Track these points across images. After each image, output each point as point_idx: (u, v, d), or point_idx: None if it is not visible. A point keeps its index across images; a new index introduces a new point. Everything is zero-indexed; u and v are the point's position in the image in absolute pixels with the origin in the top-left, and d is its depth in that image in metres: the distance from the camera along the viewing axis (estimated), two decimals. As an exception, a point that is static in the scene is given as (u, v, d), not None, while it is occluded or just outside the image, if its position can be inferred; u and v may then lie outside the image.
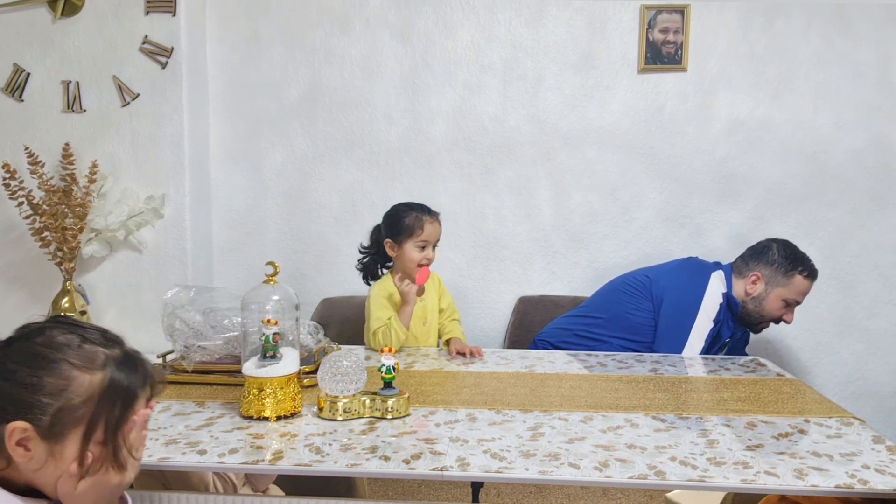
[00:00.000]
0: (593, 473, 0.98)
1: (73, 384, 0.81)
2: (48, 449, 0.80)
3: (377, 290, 1.85)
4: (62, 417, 0.80)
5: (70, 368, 0.81)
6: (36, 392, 0.79)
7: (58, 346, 0.82)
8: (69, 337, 0.83)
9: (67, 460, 0.81)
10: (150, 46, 2.23)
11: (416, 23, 2.37)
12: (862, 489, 0.94)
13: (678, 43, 2.30)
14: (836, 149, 2.34)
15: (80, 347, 0.83)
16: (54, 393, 0.80)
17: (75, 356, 0.82)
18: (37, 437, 0.79)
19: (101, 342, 0.85)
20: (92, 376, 0.82)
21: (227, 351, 1.45)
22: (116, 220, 2.16)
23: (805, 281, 1.92)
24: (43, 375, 0.80)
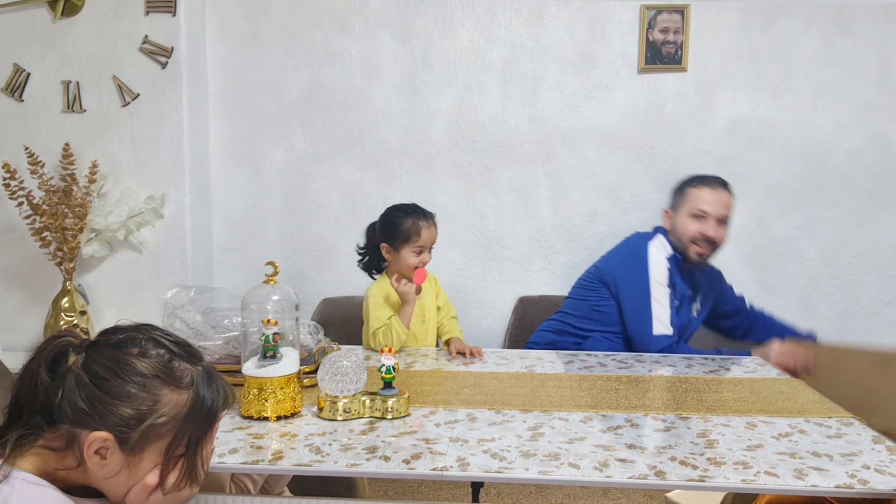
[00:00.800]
0: (593, 473, 0.98)
1: (161, 401, 0.81)
2: (125, 460, 0.80)
3: (375, 291, 1.85)
4: (147, 433, 0.80)
5: (160, 385, 0.81)
6: (124, 404, 0.79)
7: (149, 359, 0.82)
8: (160, 352, 0.83)
9: (142, 472, 0.81)
10: (150, 46, 2.23)
11: (416, 23, 2.37)
12: (862, 489, 0.94)
13: (678, 43, 2.30)
14: (837, 149, 2.34)
15: (169, 364, 0.83)
16: (143, 408, 0.80)
17: (165, 372, 0.82)
18: (116, 448, 0.79)
19: (188, 359, 0.85)
20: (179, 395, 0.82)
21: (227, 351, 1.45)
22: (116, 220, 2.16)
23: (697, 190, 1.94)
24: (134, 389, 0.80)
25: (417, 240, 1.81)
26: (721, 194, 1.94)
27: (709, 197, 1.92)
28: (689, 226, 1.92)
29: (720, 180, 1.98)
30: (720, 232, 1.92)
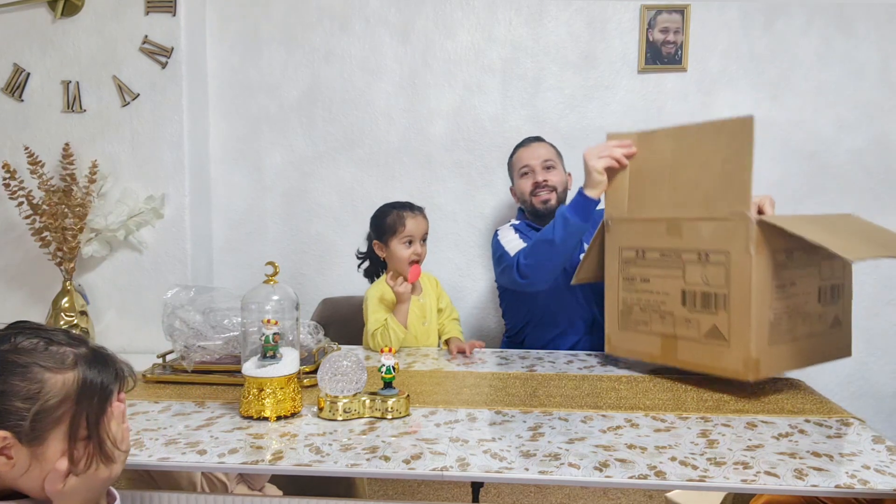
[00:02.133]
0: (593, 473, 0.98)
1: (46, 386, 0.81)
2: (30, 453, 0.80)
3: (372, 293, 1.86)
4: (41, 420, 0.80)
5: (41, 371, 0.81)
6: (10, 399, 0.79)
7: (25, 350, 0.82)
8: (34, 341, 0.83)
9: (51, 460, 0.81)
10: (150, 46, 2.23)
11: (416, 23, 2.37)
12: (862, 489, 0.94)
13: (678, 43, 2.30)
14: (837, 148, 2.34)
15: (46, 350, 0.83)
16: (29, 397, 0.80)
17: (44, 358, 0.82)
18: (17, 444, 0.79)
19: (67, 342, 0.85)
20: (64, 376, 0.82)
21: (227, 351, 1.45)
22: (116, 220, 2.16)
23: (516, 155, 2.07)
24: (15, 381, 0.80)
25: (403, 230, 1.82)
26: (532, 147, 2.05)
27: (526, 153, 2.04)
28: (522, 185, 2.02)
29: (532, 137, 2.10)
30: (550, 175, 2.00)
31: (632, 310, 1.54)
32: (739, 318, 1.32)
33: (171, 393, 1.38)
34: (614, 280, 1.58)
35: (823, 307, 1.44)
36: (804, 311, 1.39)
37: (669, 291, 1.45)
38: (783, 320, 1.35)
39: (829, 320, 1.46)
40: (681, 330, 1.43)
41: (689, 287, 1.41)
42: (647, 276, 1.50)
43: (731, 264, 1.33)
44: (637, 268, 1.52)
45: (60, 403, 0.81)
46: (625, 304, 1.56)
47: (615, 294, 1.58)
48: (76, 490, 0.83)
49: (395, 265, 1.85)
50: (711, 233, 1.37)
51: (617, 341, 1.59)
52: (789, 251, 1.35)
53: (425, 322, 1.89)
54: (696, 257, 1.39)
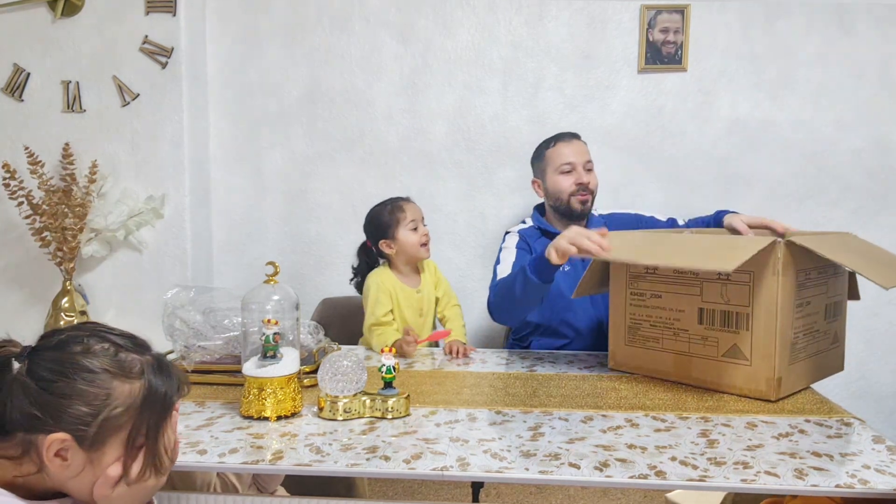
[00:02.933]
0: (593, 473, 0.98)
1: (114, 393, 0.81)
2: (87, 458, 0.80)
3: (375, 281, 1.84)
4: (104, 427, 0.80)
5: (110, 378, 0.81)
6: (77, 403, 0.79)
7: (94, 355, 0.81)
8: (105, 346, 0.83)
9: (105, 466, 0.81)
10: (150, 46, 2.23)
11: (416, 23, 2.37)
12: (862, 489, 0.94)
13: (678, 43, 2.30)
14: (837, 149, 2.34)
15: (116, 356, 0.83)
16: (96, 403, 0.79)
17: (113, 365, 0.82)
18: (76, 447, 0.79)
19: (134, 349, 0.85)
20: (132, 385, 0.82)
21: (227, 351, 1.45)
22: (116, 220, 2.16)
23: (554, 149, 1.94)
24: (83, 386, 0.79)
25: (405, 216, 1.83)
26: (577, 144, 1.95)
27: (568, 150, 1.93)
28: (561, 183, 1.91)
29: (571, 133, 1.99)
30: (591, 178, 1.93)
31: (640, 326, 1.53)
32: (764, 338, 1.32)
33: (172, 393, 1.38)
34: (621, 295, 1.57)
35: (828, 324, 1.45)
36: (814, 328, 1.40)
37: (685, 308, 1.44)
38: (800, 338, 1.36)
39: (830, 337, 1.47)
40: (696, 348, 1.43)
41: (707, 305, 1.41)
42: (658, 292, 1.49)
43: (756, 284, 1.32)
44: (647, 283, 1.51)
45: (125, 412, 0.81)
46: (633, 319, 1.55)
47: (622, 309, 1.57)
48: (123, 497, 0.83)
49: (408, 254, 1.84)
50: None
51: (622, 357, 1.57)
52: (807, 271, 1.36)
53: (422, 314, 1.89)
54: (716, 276, 1.39)
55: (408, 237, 1.83)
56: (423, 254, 1.86)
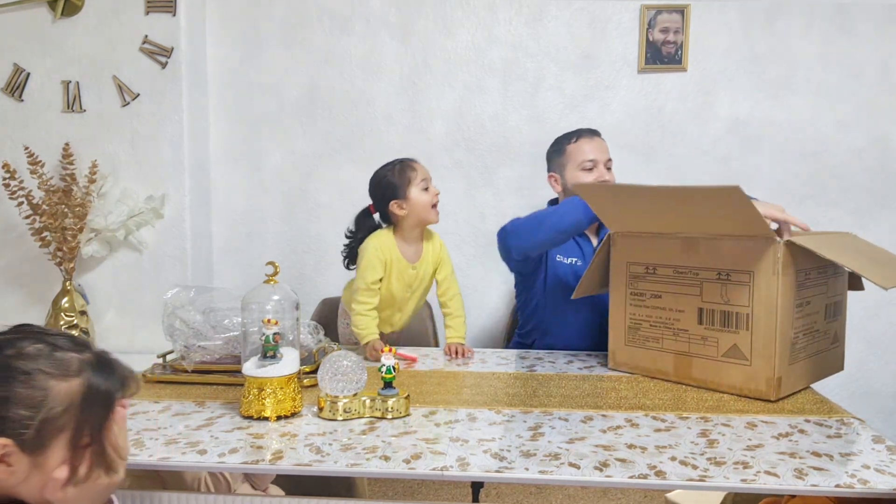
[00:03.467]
0: (593, 473, 0.98)
1: (51, 394, 0.79)
2: (31, 461, 0.78)
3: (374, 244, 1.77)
4: (44, 428, 0.78)
5: (46, 378, 0.79)
6: (13, 406, 0.77)
7: (29, 356, 0.80)
8: (38, 347, 0.81)
9: (51, 468, 0.80)
10: (151, 46, 2.23)
11: (416, 23, 2.37)
12: (862, 489, 0.94)
13: (678, 43, 2.30)
14: (837, 148, 2.34)
15: (51, 356, 0.81)
16: (33, 405, 0.78)
17: (49, 365, 0.80)
18: (18, 451, 0.77)
19: (72, 348, 0.83)
20: (69, 384, 0.80)
21: (227, 351, 1.45)
22: (116, 220, 2.16)
23: (576, 144, 1.91)
24: (18, 388, 0.78)
25: (416, 174, 1.76)
26: (599, 142, 1.93)
27: (589, 147, 1.91)
28: (583, 179, 1.89)
29: (592, 129, 1.97)
30: (611, 177, 1.92)
31: (640, 326, 1.53)
32: (763, 338, 1.32)
33: (171, 393, 1.38)
34: (621, 295, 1.57)
35: (828, 324, 1.45)
36: (814, 328, 1.40)
37: (684, 308, 1.44)
38: (800, 338, 1.36)
39: (830, 337, 1.47)
40: (696, 348, 1.43)
41: (707, 305, 1.41)
42: (658, 292, 1.49)
43: (756, 284, 1.32)
44: (647, 283, 1.51)
45: (64, 412, 0.80)
46: (633, 319, 1.55)
47: (622, 309, 1.57)
48: (77, 499, 0.82)
49: (420, 215, 1.77)
50: (732, 251, 1.36)
51: (622, 357, 1.57)
52: (807, 271, 1.36)
53: (410, 289, 1.84)
54: (716, 276, 1.39)
55: (420, 196, 1.75)
56: (433, 217, 1.78)
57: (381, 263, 1.76)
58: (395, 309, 1.85)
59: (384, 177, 1.80)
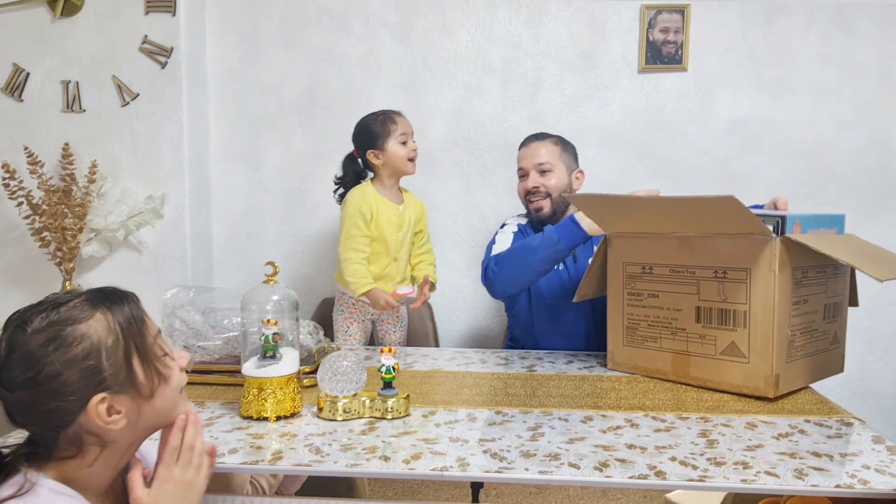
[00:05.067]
0: (593, 473, 0.98)
1: (92, 334, 0.80)
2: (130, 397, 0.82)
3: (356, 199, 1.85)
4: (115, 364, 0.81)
5: (75, 328, 0.80)
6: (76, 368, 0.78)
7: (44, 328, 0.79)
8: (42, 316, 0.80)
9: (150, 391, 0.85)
10: (150, 46, 2.23)
11: (416, 22, 2.37)
12: (862, 489, 0.94)
13: (678, 43, 2.30)
14: (837, 148, 2.34)
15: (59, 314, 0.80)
16: (89, 353, 0.79)
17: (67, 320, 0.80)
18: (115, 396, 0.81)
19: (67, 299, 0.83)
20: (95, 319, 0.81)
21: (226, 351, 1.45)
22: (116, 220, 2.16)
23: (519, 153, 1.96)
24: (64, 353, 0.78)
25: (396, 127, 1.84)
26: (531, 147, 1.92)
27: (521, 154, 1.94)
28: (519, 188, 1.94)
29: (537, 134, 1.96)
30: (544, 179, 1.89)
31: (638, 325, 1.53)
32: (761, 336, 1.32)
33: (171, 393, 1.38)
34: (618, 295, 1.57)
35: (827, 324, 1.45)
36: (812, 328, 1.40)
37: (682, 307, 1.44)
38: (797, 337, 1.36)
39: (830, 337, 1.47)
40: (694, 346, 1.43)
41: (704, 303, 1.41)
42: (655, 292, 1.49)
43: (753, 282, 1.32)
44: (644, 283, 1.51)
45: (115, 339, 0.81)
46: (630, 319, 1.55)
47: (619, 309, 1.57)
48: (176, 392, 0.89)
49: (394, 166, 1.86)
50: (729, 249, 1.36)
51: (621, 357, 1.57)
52: (804, 269, 1.36)
53: (401, 231, 1.90)
54: (713, 274, 1.39)
55: (396, 149, 1.83)
56: (410, 168, 1.88)
57: (362, 215, 1.83)
58: (391, 258, 1.88)
59: (366, 125, 1.89)
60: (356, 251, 1.82)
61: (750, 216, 1.29)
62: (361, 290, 1.81)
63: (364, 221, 1.84)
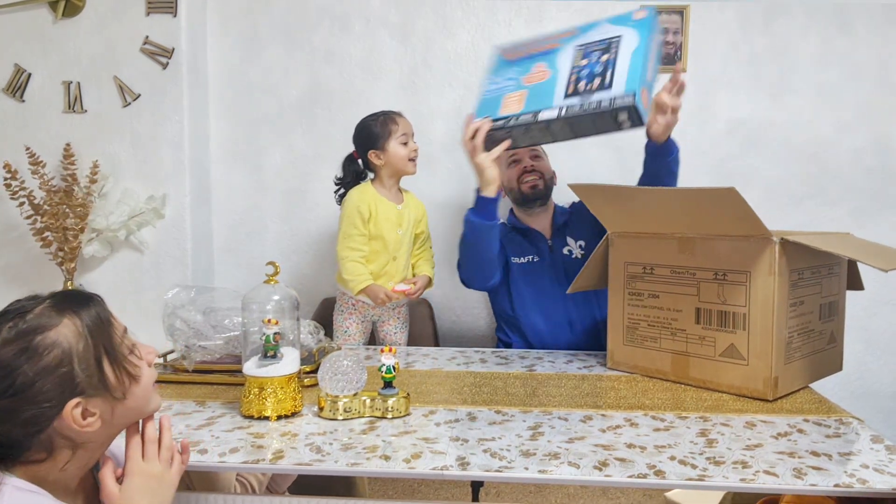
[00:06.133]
0: (593, 473, 0.99)
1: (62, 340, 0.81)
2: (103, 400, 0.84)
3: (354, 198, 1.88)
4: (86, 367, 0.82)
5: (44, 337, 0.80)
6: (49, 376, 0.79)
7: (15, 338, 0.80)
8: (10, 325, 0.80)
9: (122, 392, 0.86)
10: (151, 47, 2.23)
11: (416, 23, 2.37)
12: (861, 489, 0.94)
13: (677, 43, 2.31)
14: (837, 149, 2.34)
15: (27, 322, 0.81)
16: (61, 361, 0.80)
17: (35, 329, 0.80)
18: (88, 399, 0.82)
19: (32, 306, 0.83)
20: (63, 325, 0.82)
21: (227, 350, 1.45)
22: (117, 220, 2.17)
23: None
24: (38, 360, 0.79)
25: (397, 128, 1.86)
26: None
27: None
28: (510, 174, 2.01)
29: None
30: (537, 163, 2.01)
31: (639, 325, 1.53)
32: (760, 338, 1.32)
33: (172, 392, 1.39)
34: (619, 295, 1.57)
35: (823, 324, 1.45)
36: (809, 328, 1.41)
37: (682, 308, 1.45)
38: (794, 338, 1.36)
39: (826, 337, 1.48)
40: (694, 347, 1.43)
41: (704, 305, 1.41)
42: (656, 292, 1.50)
43: (752, 284, 1.33)
44: (645, 283, 1.52)
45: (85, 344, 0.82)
46: (631, 319, 1.55)
47: (620, 309, 1.57)
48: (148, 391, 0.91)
49: (396, 167, 1.87)
50: (729, 252, 1.37)
51: (620, 356, 1.58)
52: (800, 271, 1.36)
53: (400, 230, 1.91)
54: (713, 276, 1.39)
55: (397, 150, 1.84)
56: (411, 168, 1.89)
57: (360, 215, 1.85)
58: (390, 256, 1.89)
59: (366, 126, 1.90)
60: (353, 249, 1.84)
61: (749, 211, 1.29)
62: (359, 286, 1.82)
63: (362, 220, 1.85)
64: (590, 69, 1.45)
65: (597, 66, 1.44)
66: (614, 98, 1.39)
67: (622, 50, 1.43)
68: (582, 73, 1.46)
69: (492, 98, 1.62)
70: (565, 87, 1.48)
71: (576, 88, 1.45)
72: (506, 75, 1.63)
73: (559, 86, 1.49)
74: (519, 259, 1.97)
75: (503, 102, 1.58)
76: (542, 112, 1.48)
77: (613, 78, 1.40)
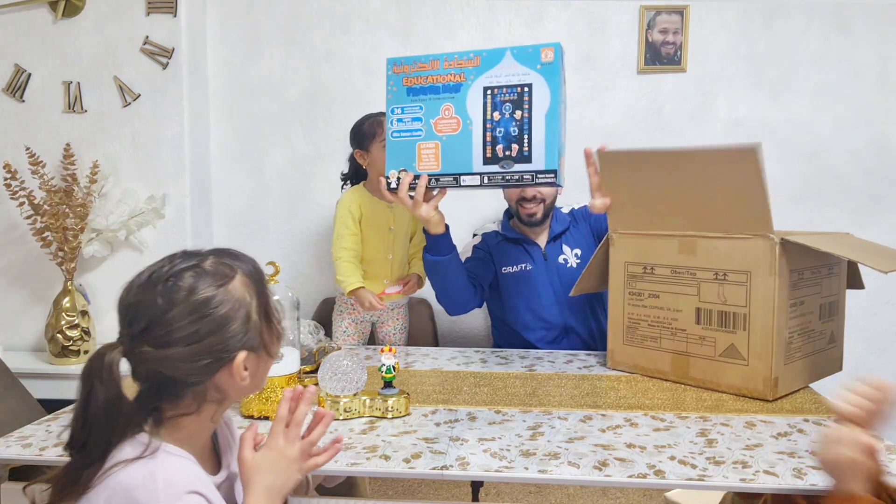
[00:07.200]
0: (593, 473, 0.99)
1: (239, 294, 0.83)
2: (257, 356, 0.86)
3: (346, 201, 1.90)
4: (257, 323, 0.84)
5: (227, 287, 0.82)
6: (230, 322, 0.81)
7: (203, 286, 0.81)
8: (191, 274, 0.82)
9: (267, 355, 0.88)
10: (151, 47, 2.23)
11: (416, 23, 2.37)
12: (860, 488, 0.94)
13: (677, 43, 2.31)
14: (836, 149, 2.34)
15: (205, 272, 0.82)
16: (239, 311, 0.82)
17: (219, 278, 0.83)
18: (249, 354, 0.83)
19: (203, 257, 0.85)
20: (235, 281, 0.84)
21: (227, 351, 1.45)
22: (117, 220, 2.17)
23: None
24: (222, 308, 0.81)
25: (381, 132, 1.84)
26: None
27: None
28: (510, 192, 1.96)
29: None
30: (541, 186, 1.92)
31: (639, 325, 1.54)
32: (760, 338, 1.32)
33: (173, 392, 1.38)
34: (619, 294, 1.58)
35: (823, 324, 1.46)
36: (809, 328, 1.41)
37: (682, 308, 1.45)
38: (794, 338, 1.37)
39: (826, 337, 1.48)
40: (694, 347, 1.43)
41: (705, 305, 1.41)
42: (656, 292, 1.50)
43: (753, 284, 1.33)
44: (645, 283, 1.52)
45: (255, 299, 0.85)
46: (631, 318, 1.55)
47: (620, 309, 1.57)
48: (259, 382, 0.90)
49: (377, 169, 1.85)
50: (730, 252, 1.37)
51: (621, 356, 1.58)
52: (800, 271, 1.37)
53: (392, 229, 1.92)
54: (713, 276, 1.39)
55: (380, 153, 1.83)
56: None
57: (350, 215, 1.87)
58: (385, 254, 1.92)
59: (357, 126, 1.92)
60: (345, 249, 1.86)
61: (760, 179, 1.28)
62: (349, 287, 1.83)
63: (353, 220, 1.88)
64: (504, 128, 1.43)
65: (511, 126, 1.42)
66: (536, 173, 1.42)
67: (535, 108, 1.40)
68: (497, 133, 1.44)
69: (404, 143, 1.54)
70: (482, 148, 1.46)
71: (494, 152, 1.45)
72: (410, 108, 1.56)
73: (476, 145, 1.46)
74: (511, 268, 1.95)
75: (418, 153, 1.54)
76: (464, 177, 1.50)
77: (532, 148, 1.41)
